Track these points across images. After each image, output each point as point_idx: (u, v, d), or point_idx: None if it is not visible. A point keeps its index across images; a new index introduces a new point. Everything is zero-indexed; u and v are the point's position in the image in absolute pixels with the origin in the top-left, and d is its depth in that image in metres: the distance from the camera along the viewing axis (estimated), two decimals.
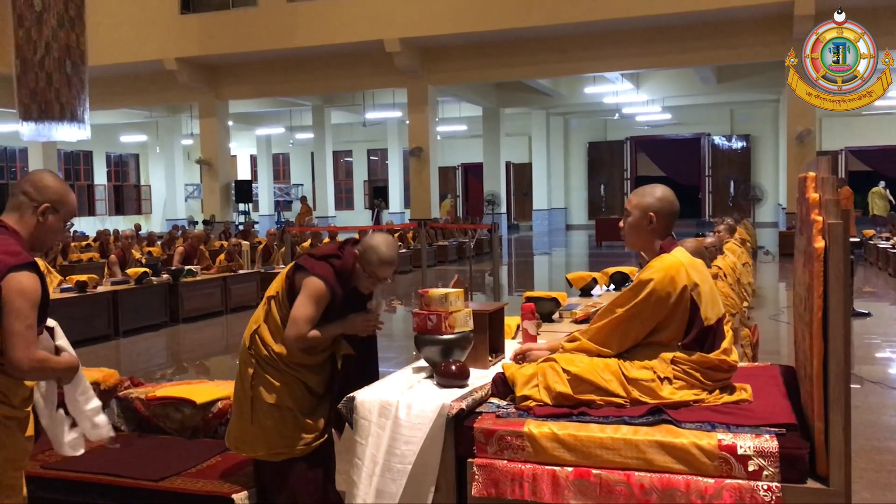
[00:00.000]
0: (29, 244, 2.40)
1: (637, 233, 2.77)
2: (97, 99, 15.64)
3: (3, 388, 2.30)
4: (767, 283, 13.16)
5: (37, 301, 2.28)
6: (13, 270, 2.24)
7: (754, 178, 28.44)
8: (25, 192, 2.41)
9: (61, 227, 2.48)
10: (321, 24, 18.05)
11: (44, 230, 2.43)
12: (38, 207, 2.40)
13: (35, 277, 2.28)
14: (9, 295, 2.23)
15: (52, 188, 2.43)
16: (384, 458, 2.57)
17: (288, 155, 34.69)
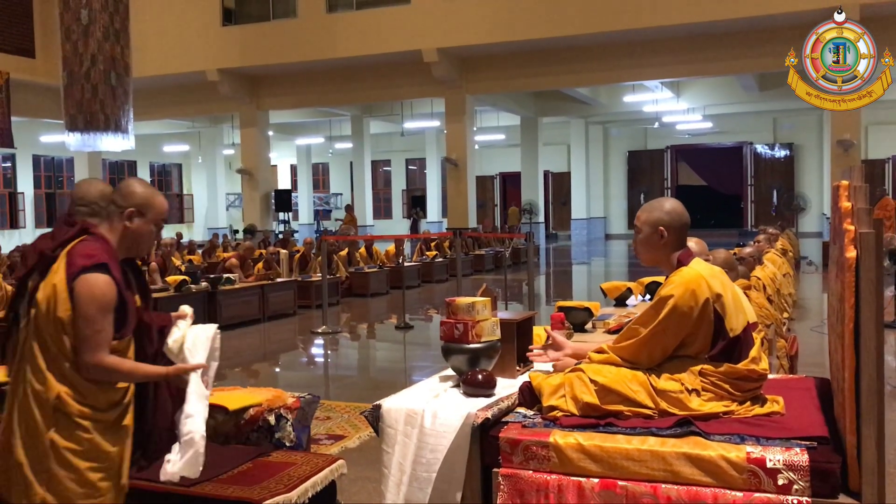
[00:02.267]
0: (121, 249, 2.50)
1: (650, 248, 2.74)
2: (141, 110, 15.97)
3: (84, 389, 2.36)
4: (811, 294, 12.91)
5: (107, 304, 2.34)
6: (85, 272, 2.32)
7: (798, 187, 27.97)
8: (113, 201, 2.52)
9: (151, 230, 2.54)
10: (360, 35, 18.20)
11: (132, 235, 2.51)
12: (123, 213, 2.50)
13: (107, 279, 2.34)
14: (79, 299, 2.31)
15: (137, 193, 2.52)
16: (411, 466, 2.58)
17: (327, 164, 35.00)
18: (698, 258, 2.72)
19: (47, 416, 2.33)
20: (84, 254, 2.37)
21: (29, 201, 26.27)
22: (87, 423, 2.35)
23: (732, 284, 2.73)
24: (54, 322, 2.34)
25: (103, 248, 2.42)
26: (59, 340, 2.34)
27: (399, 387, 6.15)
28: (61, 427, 2.33)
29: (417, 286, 14.88)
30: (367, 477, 4.32)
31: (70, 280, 2.35)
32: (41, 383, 2.34)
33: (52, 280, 2.39)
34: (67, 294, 2.34)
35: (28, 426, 2.34)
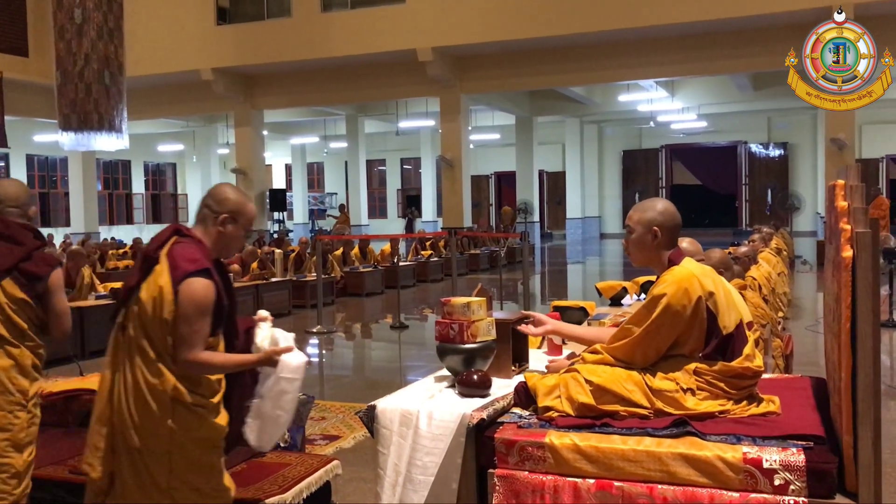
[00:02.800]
0: (213, 252, 2.66)
1: (642, 249, 2.73)
2: (135, 109, 15.91)
3: (194, 379, 2.55)
4: (805, 294, 12.93)
5: (207, 307, 2.52)
6: (190, 276, 2.49)
7: (792, 186, 28.02)
8: (207, 205, 2.68)
9: (241, 234, 2.71)
10: (355, 34, 18.18)
11: (225, 238, 2.67)
12: (217, 218, 2.65)
13: (208, 284, 2.52)
14: (182, 300, 2.49)
15: (230, 200, 2.67)
16: (406, 468, 2.57)
17: (322, 164, 34.96)
18: (689, 258, 2.71)
19: (164, 405, 2.51)
20: (188, 258, 2.54)
21: None
22: (200, 409, 2.55)
23: (724, 282, 2.72)
24: (160, 322, 2.51)
25: (203, 252, 2.59)
26: (164, 339, 2.51)
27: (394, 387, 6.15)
28: (178, 416, 2.51)
29: (413, 286, 14.87)
30: (361, 477, 4.31)
31: (175, 283, 2.51)
32: (156, 376, 2.51)
33: (157, 281, 2.55)
34: (173, 297, 2.50)
35: (142, 416, 2.51)
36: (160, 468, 2.53)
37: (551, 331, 3.02)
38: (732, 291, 2.72)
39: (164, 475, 2.53)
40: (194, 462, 2.56)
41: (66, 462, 3.64)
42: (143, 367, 2.52)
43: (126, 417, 2.53)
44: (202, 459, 2.58)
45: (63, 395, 4.19)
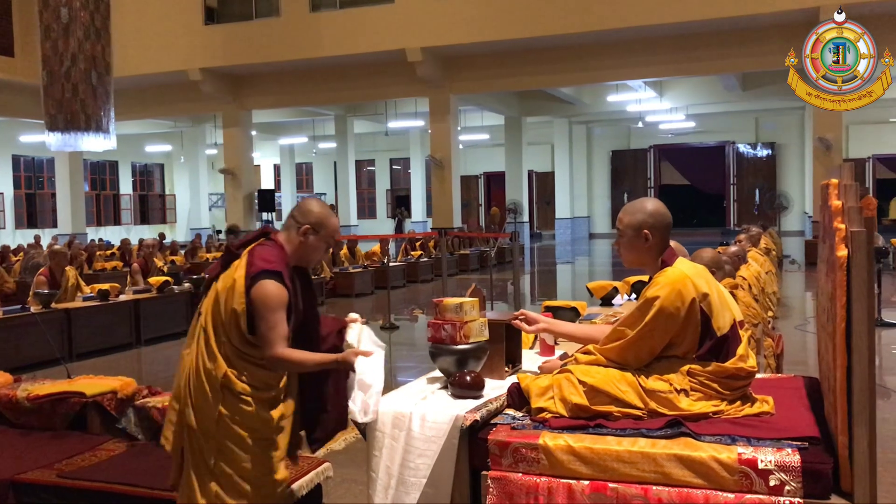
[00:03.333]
0: (293, 259, 2.81)
1: (634, 251, 2.72)
2: (122, 109, 15.82)
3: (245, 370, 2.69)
4: (793, 293, 12.98)
5: (279, 305, 2.64)
6: (261, 276, 2.65)
7: (780, 186, 28.15)
8: (293, 216, 2.83)
9: (322, 246, 2.84)
10: (343, 34, 18.14)
11: (305, 248, 2.81)
12: (300, 228, 2.79)
13: (278, 285, 2.65)
14: (254, 299, 2.64)
15: (314, 213, 2.81)
16: (399, 470, 2.54)
17: (311, 164, 34.89)
18: (682, 258, 2.70)
19: (216, 391, 2.66)
20: (264, 258, 2.70)
21: (9, 202, 25.99)
22: (248, 398, 2.67)
23: (717, 283, 2.71)
24: (229, 312, 2.68)
25: (280, 256, 2.74)
26: (229, 328, 2.68)
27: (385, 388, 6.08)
28: (227, 402, 2.66)
29: (402, 286, 14.83)
30: (352, 479, 4.28)
31: (248, 278, 2.67)
32: (212, 362, 2.68)
33: (232, 274, 2.73)
34: (244, 290, 2.66)
35: (199, 397, 2.68)
36: (209, 449, 2.67)
37: (544, 329, 3.01)
38: (723, 291, 2.71)
39: (212, 456, 2.67)
40: (242, 449, 2.67)
41: (52, 466, 3.60)
42: (204, 352, 2.71)
43: (186, 396, 2.71)
44: (250, 448, 2.68)
45: (50, 398, 4.14)
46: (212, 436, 2.67)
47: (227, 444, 2.67)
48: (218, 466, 2.67)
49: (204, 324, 2.75)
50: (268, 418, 2.71)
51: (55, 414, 4.15)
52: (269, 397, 2.73)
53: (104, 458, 3.72)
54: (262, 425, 2.70)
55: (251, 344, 2.69)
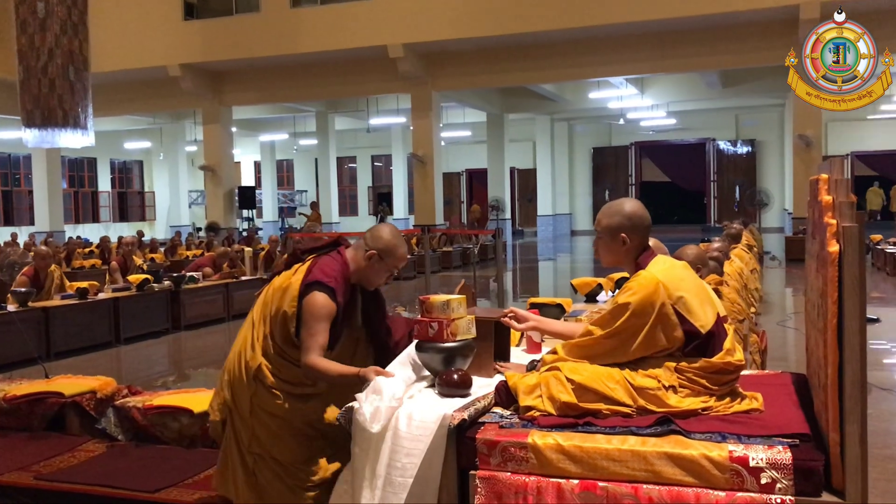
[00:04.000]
0: (355, 278, 2.92)
1: (612, 253, 2.73)
2: (101, 106, 15.62)
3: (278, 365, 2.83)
4: (774, 289, 13.06)
5: (323, 317, 2.75)
6: (315, 287, 2.77)
7: (760, 183, 28.34)
8: (365, 238, 2.93)
9: (384, 272, 2.93)
10: (324, 30, 18.04)
11: (368, 271, 2.91)
12: (367, 252, 2.89)
13: (328, 298, 2.76)
14: (304, 307, 2.77)
15: (384, 239, 2.90)
16: (385, 470, 2.49)
17: (292, 161, 34.71)
18: (660, 257, 2.67)
19: (249, 380, 2.83)
20: (324, 270, 2.82)
21: None
22: (278, 391, 2.82)
23: (698, 280, 2.69)
24: (279, 311, 2.82)
25: (340, 272, 2.85)
26: (275, 325, 2.83)
27: None
28: (259, 392, 2.82)
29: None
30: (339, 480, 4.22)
31: (304, 285, 2.80)
32: (251, 351, 2.85)
33: (290, 276, 2.88)
34: (297, 295, 2.80)
35: (237, 382, 2.86)
36: (245, 429, 2.83)
37: (533, 327, 2.99)
38: (705, 288, 2.70)
39: (247, 437, 2.82)
40: (275, 437, 2.81)
41: (30, 468, 3.53)
42: (249, 340, 2.88)
43: (229, 374, 2.89)
44: (284, 437, 2.81)
45: (27, 399, 4.07)
46: (246, 419, 2.83)
47: (260, 429, 2.81)
48: (253, 446, 2.82)
49: (255, 315, 2.92)
50: (302, 411, 2.83)
51: (33, 414, 4.08)
52: (301, 393, 2.84)
53: (83, 460, 3.66)
54: (294, 417, 2.81)
55: (294, 345, 2.81)
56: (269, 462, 2.81)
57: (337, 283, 2.80)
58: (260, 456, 2.82)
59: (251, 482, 2.82)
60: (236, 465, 2.85)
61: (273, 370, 2.82)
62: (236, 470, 2.85)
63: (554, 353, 2.67)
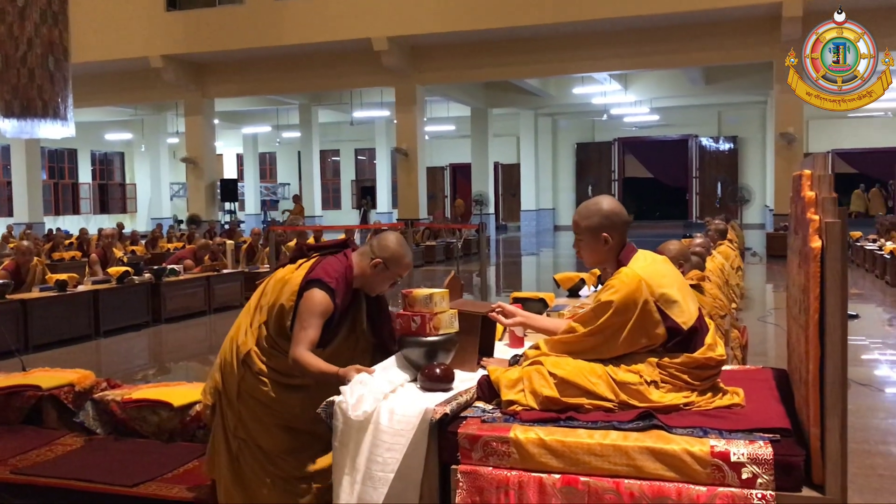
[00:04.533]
0: (358, 282, 2.93)
1: (595, 253, 2.73)
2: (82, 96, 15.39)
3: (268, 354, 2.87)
4: (755, 285, 13.14)
5: (318, 313, 2.77)
6: (314, 284, 2.80)
7: (741, 179, 28.51)
8: (371, 245, 2.94)
9: (388, 280, 2.93)
10: (308, 22, 17.93)
11: (372, 278, 2.92)
12: (372, 259, 2.90)
13: (327, 297, 2.78)
14: (301, 301, 2.79)
15: (390, 248, 2.90)
16: (365, 465, 2.48)
17: (274, 154, 34.53)
18: (640, 252, 2.67)
19: (238, 365, 2.88)
20: (327, 271, 2.85)
21: None
22: (265, 379, 2.85)
23: (678, 277, 2.69)
24: (277, 304, 2.86)
25: (343, 275, 2.87)
26: (270, 316, 2.87)
27: None
28: (246, 379, 2.87)
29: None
30: None
31: (305, 281, 2.83)
32: (243, 336, 2.91)
33: (292, 270, 2.93)
34: (296, 289, 2.83)
35: (227, 366, 2.92)
36: (231, 413, 2.88)
37: (520, 322, 2.98)
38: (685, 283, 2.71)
39: (232, 421, 2.87)
40: (260, 424, 2.84)
41: (6, 462, 3.49)
42: (243, 327, 2.94)
43: (221, 358, 2.95)
44: (269, 425, 2.84)
45: (4, 392, 4.02)
46: (233, 403, 2.88)
47: (246, 415, 2.85)
48: (238, 431, 2.86)
49: (253, 303, 2.97)
50: (289, 401, 2.84)
51: (9, 408, 4.03)
52: (289, 383, 2.86)
53: (61, 454, 3.62)
54: (280, 407, 2.84)
55: (287, 338, 2.82)
56: (253, 449, 2.84)
57: (338, 285, 2.82)
58: (244, 441, 2.85)
59: (234, 467, 2.86)
60: (221, 449, 2.89)
61: (263, 358, 2.86)
62: (221, 454, 2.89)
63: (537, 349, 2.67)
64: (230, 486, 2.87)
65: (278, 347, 2.87)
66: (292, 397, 2.86)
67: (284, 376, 2.86)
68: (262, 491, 2.83)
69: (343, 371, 2.66)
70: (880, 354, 7.52)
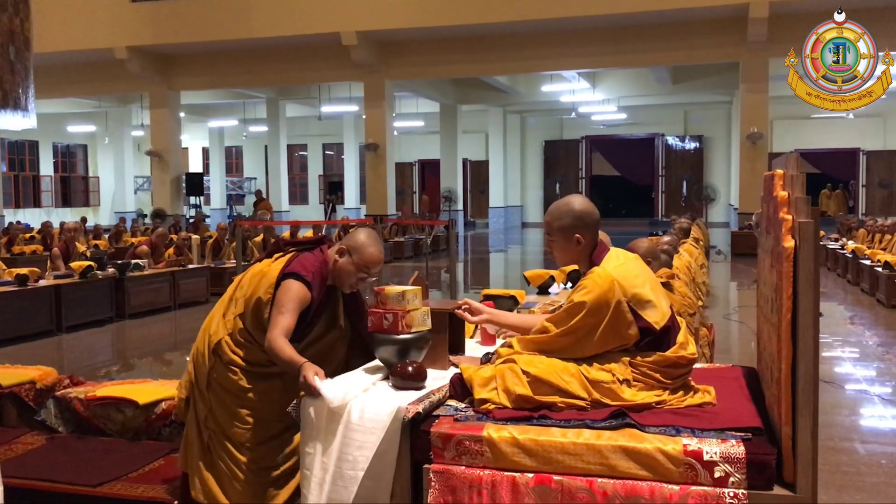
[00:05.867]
0: (331, 278, 2.95)
1: (567, 253, 2.73)
2: (43, 87, 15.09)
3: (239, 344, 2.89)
4: (719, 283, 13.29)
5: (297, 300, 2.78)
6: (290, 276, 2.82)
7: (707, 178, 28.83)
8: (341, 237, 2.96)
9: (353, 271, 2.92)
10: (276, 15, 17.76)
11: (338, 269, 2.93)
12: (339, 248, 2.94)
13: (302, 286, 2.81)
14: (279, 291, 2.81)
15: (357, 238, 2.94)
16: (335, 464, 2.44)
17: (241, 148, 34.20)
18: (612, 252, 2.68)
19: (209, 354, 2.91)
20: (304, 265, 2.88)
21: None
22: (236, 368, 2.87)
23: (650, 276, 2.69)
24: (254, 297, 2.88)
25: (319, 269, 2.90)
26: (247, 308, 2.88)
27: None
28: (216, 368, 2.89)
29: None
30: None
31: (282, 274, 2.86)
32: (215, 326, 2.94)
33: (269, 264, 2.96)
34: (274, 282, 2.86)
35: (198, 357, 2.95)
36: (202, 403, 2.90)
37: (487, 319, 2.96)
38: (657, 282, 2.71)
39: (203, 412, 2.89)
40: (231, 414, 2.86)
41: None
42: (216, 316, 2.97)
43: (195, 349, 2.98)
44: (239, 416, 2.85)
45: None
46: (203, 393, 2.90)
47: (216, 405, 2.87)
48: (209, 422, 2.88)
49: (227, 294, 3.01)
50: (259, 392, 2.86)
51: None
52: (261, 373, 2.88)
53: (21, 453, 3.53)
54: (251, 397, 2.85)
55: (264, 331, 2.82)
56: (223, 439, 2.85)
57: (314, 278, 2.85)
58: (214, 433, 2.87)
59: (206, 458, 2.87)
60: (194, 441, 2.91)
61: (233, 348, 2.88)
62: (194, 446, 2.90)
63: (509, 347, 2.66)
64: (203, 478, 2.86)
65: (254, 340, 2.88)
66: (263, 387, 2.87)
67: (257, 366, 2.88)
68: (234, 484, 2.82)
69: (304, 365, 2.60)
70: (842, 352, 7.65)
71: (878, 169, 27.10)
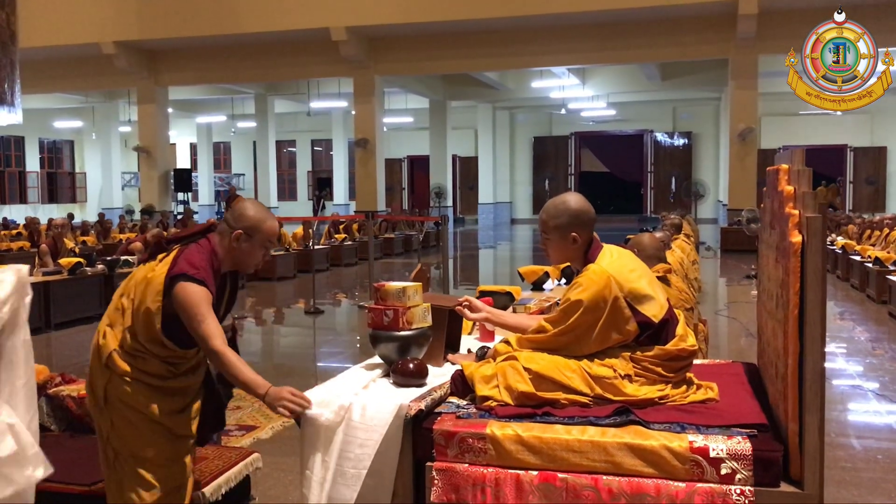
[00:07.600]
0: (227, 265, 2.73)
1: (562, 252, 2.70)
2: (29, 82, 14.99)
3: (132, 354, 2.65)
4: (708, 279, 13.32)
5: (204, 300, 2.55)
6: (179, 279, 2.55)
7: (695, 174, 28.90)
8: (226, 219, 2.72)
9: (258, 251, 2.72)
10: (265, 10, 17.65)
11: (238, 253, 2.70)
12: (232, 233, 2.67)
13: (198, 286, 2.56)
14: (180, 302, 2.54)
15: (247, 216, 2.69)
16: (337, 462, 2.42)
17: (229, 144, 34.04)
18: (607, 248, 2.66)
19: (101, 367, 2.66)
20: (191, 262, 2.60)
21: None
22: (129, 379, 2.63)
23: (646, 271, 2.67)
24: (142, 308, 2.61)
25: (208, 262, 2.64)
26: (136, 320, 2.62)
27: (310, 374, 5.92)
28: (112, 382, 2.64)
29: (326, 270, 14.62)
30: (282, 469, 4.14)
31: (168, 278, 2.58)
32: (104, 338, 2.68)
33: (153, 268, 2.66)
34: (160, 290, 2.59)
35: (92, 370, 2.71)
36: (103, 419, 2.67)
37: (485, 318, 2.93)
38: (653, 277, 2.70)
39: (106, 426, 2.66)
40: (134, 430, 2.64)
41: None
42: (106, 328, 2.70)
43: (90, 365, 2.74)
44: (143, 431, 2.64)
45: None
46: (102, 409, 2.67)
47: (118, 421, 2.65)
48: (113, 439, 2.66)
49: (115, 304, 2.73)
50: (161, 405, 2.66)
51: None
52: (160, 385, 2.67)
53: None
54: (154, 411, 2.64)
55: (159, 343, 2.62)
56: (129, 459, 2.64)
57: (206, 274, 2.60)
58: (119, 448, 2.66)
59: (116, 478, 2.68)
60: (101, 462, 2.71)
61: (128, 360, 2.64)
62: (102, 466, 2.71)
63: (507, 344, 2.63)
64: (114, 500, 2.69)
65: (148, 351, 2.65)
66: (164, 401, 2.67)
67: (155, 378, 2.66)
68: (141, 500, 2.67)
69: (275, 391, 2.44)
70: (835, 347, 7.67)
71: (865, 165, 27.26)
